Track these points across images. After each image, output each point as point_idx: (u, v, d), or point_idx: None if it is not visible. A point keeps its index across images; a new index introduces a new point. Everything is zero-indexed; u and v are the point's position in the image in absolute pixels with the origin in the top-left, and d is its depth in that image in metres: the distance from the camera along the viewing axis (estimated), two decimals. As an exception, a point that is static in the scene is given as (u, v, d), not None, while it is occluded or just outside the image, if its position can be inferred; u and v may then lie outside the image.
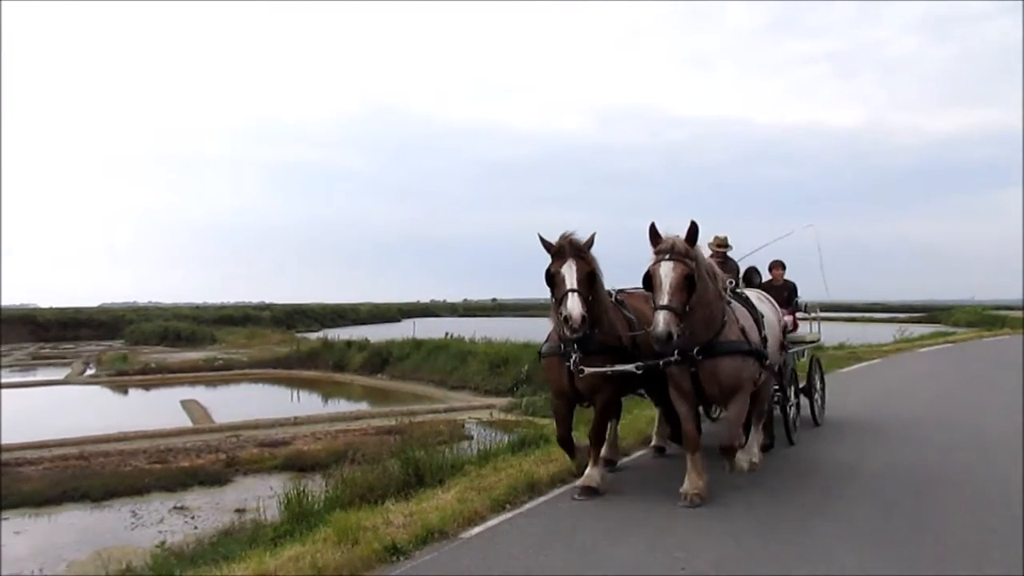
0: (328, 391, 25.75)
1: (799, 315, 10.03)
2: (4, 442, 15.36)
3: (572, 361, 6.19)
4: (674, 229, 8.51)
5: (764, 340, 6.75)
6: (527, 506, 6.06)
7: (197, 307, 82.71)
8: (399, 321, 68.19)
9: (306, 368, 30.55)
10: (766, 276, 9.82)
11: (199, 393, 24.41)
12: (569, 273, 5.95)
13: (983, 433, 9.16)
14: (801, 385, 9.83)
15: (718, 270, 6.43)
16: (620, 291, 6.97)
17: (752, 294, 7.66)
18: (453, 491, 6.38)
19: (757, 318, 6.84)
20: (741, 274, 9.11)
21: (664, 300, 5.51)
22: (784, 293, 9.56)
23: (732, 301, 6.61)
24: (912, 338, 28.52)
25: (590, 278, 6.03)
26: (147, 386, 27.62)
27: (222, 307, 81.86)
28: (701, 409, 7.09)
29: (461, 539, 5.38)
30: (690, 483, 6.12)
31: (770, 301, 8.00)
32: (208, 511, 10.88)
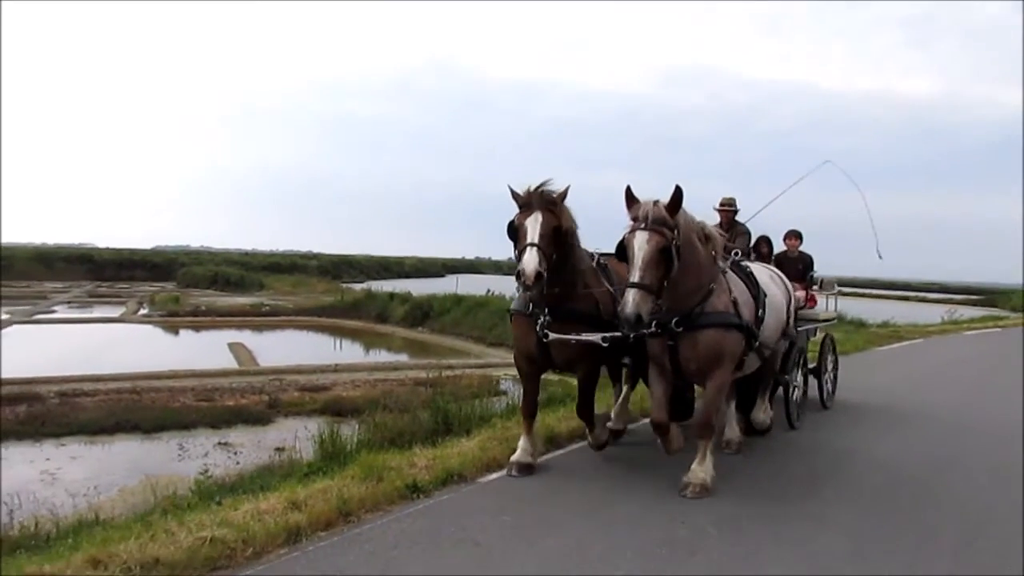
0: (369, 341, 26.36)
1: (814, 291, 9.30)
2: (63, 374, 16.24)
3: (539, 324, 5.77)
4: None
5: (759, 320, 6.11)
6: (545, 458, 6.34)
7: (246, 253, 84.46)
8: (443, 276, 68.77)
9: (349, 318, 31.22)
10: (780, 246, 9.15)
11: (246, 337, 25.20)
12: (533, 226, 5.44)
13: (1005, 425, 8.56)
14: (811, 365, 9.26)
15: (713, 232, 5.84)
16: (604, 255, 6.25)
17: (762, 271, 7.01)
18: (476, 440, 6.70)
19: (756, 295, 6.17)
20: (752, 241, 8.47)
21: (636, 276, 4.91)
22: (799, 266, 8.97)
23: (729, 271, 6.05)
24: (960, 320, 27.99)
25: (556, 233, 5.49)
26: (196, 328, 28.59)
27: (271, 255, 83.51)
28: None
29: (479, 483, 5.74)
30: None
31: (782, 279, 7.41)
32: (250, 448, 11.41)
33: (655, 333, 5.47)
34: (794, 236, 9.19)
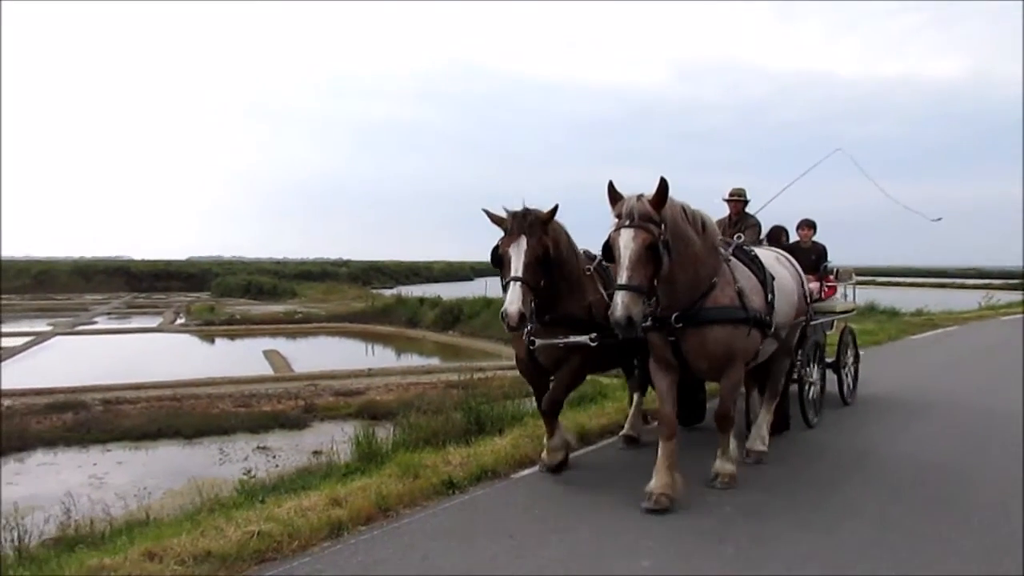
0: (401, 345, 26.67)
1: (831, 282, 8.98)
2: (106, 383, 16.72)
3: (528, 330, 5.63)
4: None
5: (770, 306, 5.79)
6: (576, 454, 6.48)
7: (278, 262, 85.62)
8: (472, 279, 69.11)
9: (380, 323, 31.60)
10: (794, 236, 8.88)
11: (280, 344, 25.63)
12: (516, 255, 5.19)
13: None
14: (829, 360, 8.84)
15: (708, 219, 5.47)
16: None
17: (767, 253, 6.73)
18: (509, 438, 6.86)
19: (763, 279, 5.87)
20: (764, 233, 8.19)
21: (623, 277, 4.66)
22: (812, 256, 8.66)
23: (733, 258, 5.75)
24: (997, 305, 27.59)
25: (543, 259, 5.27)
26: (232, 336, 29.14)
27: (302, 263, 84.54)
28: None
29: (512, 478, 5.93)
30: (657, 480, 5.18)
31: (790, 262, 7.12)
32: (288, 451, 11.69)
33: (654, 327, 5.22)
34: (807, 226, 8.95)
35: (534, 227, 5.26)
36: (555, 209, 5.43)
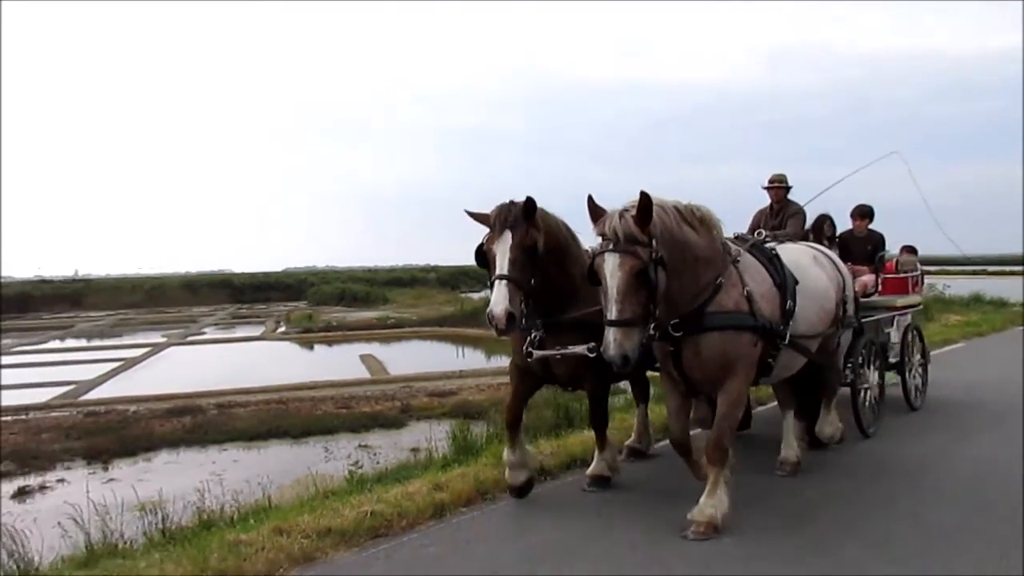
0: (490, 348, 27.19)
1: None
2: (217, 388, 17.91)
3: (531, 338, 5.21)
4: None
5: (789, 313, 5.10)
6: (659, 445, 6.76)
7: (369, 270, 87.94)
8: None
9: (469, 326, 32.24)
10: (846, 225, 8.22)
11: (375, 348, 26.62)
12: (501, 252, 4.76)
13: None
14: (892, 360, 8.02)
15: (707, 213, 4.84)
16: None
17: (800, 251, 6.02)
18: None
19: (781, 282, 5.15)
20: (809, 222, 7.53)
21: (613, 312, 4.16)
22: (867, 247, 8.02)
23: (743, 258, 5.03)
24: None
25: (531, 253, 4.80)
26: (330, 342, 30.41)
27: (392, 270, 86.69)
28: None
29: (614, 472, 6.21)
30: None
31: (830, 259, 6.34)
32: (387, 449, 12.31)
33: (657, 338, 4.68)
34: (861, 215, 8.18)
35: (518, 221, 4.81)
36: (532, 201, 4.85)
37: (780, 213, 7.33)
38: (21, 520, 7.09)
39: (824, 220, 7.80)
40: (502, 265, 4.73)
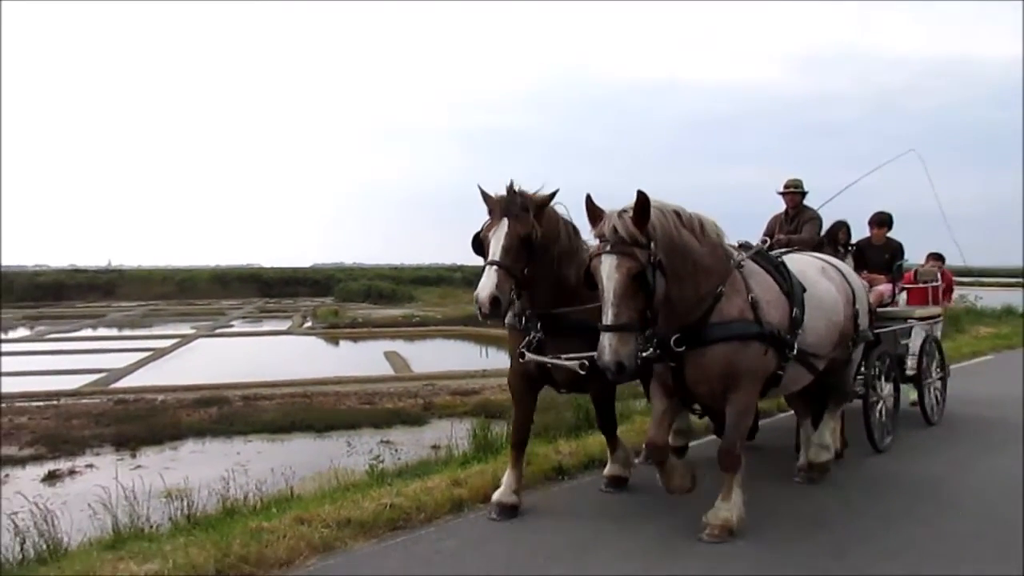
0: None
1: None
2: (244, 380, 18.18)
3: (529, 340, 5.07)
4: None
5: (795, 322, 4.88)
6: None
7: (395, 268, 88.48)
8: (583, 284, 69.03)
9: (493, 326, 32.16)
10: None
11: (399, 346, 26.82)
12: (496, 239, 4.67)
13: None
14: (909, 372, 7.82)
15: (706, 220, 4.67)
16: None
17: (808, 261, 5.81)
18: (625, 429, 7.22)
19: (788, 290, 4.95)
20: (825, 229, 7.37)
21: (609, 316, 4.03)
22: (885, 255, 7.85)
23: (746, 265, 4.86)
24: None
25: (527, 243, 4.67)
26: (355, 338, 30.73)
27: (418, 268, 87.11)
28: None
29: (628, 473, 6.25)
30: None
31: (842, 274, 6.01)
32: (409, 445, 12.40)
33: (656, 354, 4.54)
34: (878, 223, 7.97)
35: (518, 210, 4.71)
36: (554, 193, 4.86)
37: (795, 219, 7.26)
38: (51, 502, 7.27)
39: (840, 227, 7.63)
40: (495, 251, 4.65)
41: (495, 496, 5.22)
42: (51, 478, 11.15)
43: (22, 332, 35.06)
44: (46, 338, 31.55)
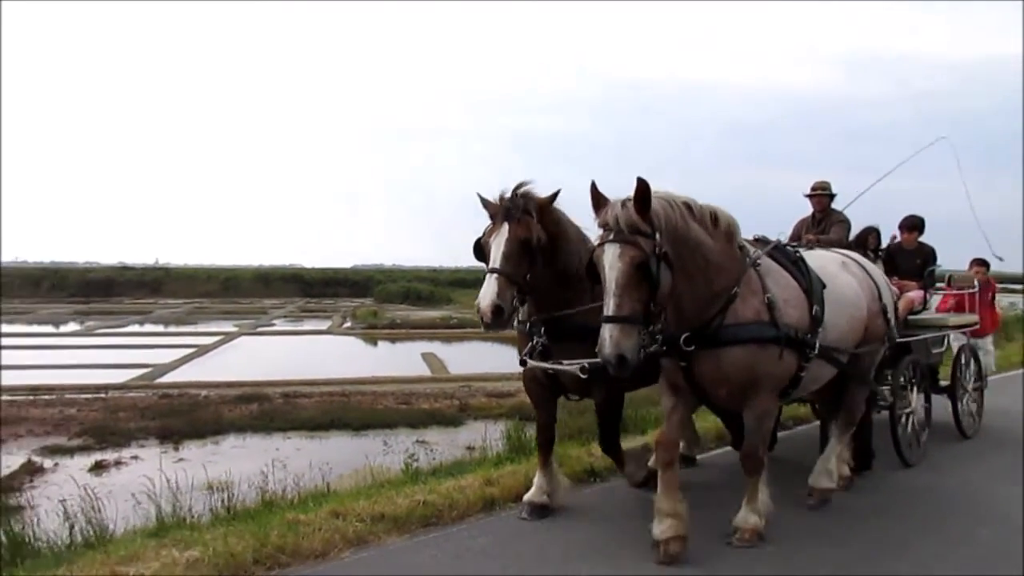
0: (550, 352, 27.31)
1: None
2: (283, 378, 18.50)
3: (532, 346, 5.04)
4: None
5: (816, 320, 4.68)
6: (714, 452, 6.80)
7: (434, 270, 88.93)
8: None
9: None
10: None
11: (436, 347, 26.98)
12: (496, 245, 4.56)
13: None
14: (943, 383, 7.55)
15: (721, 213, 4.43)
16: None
17: (828, 256, 5.58)
18: (649, 436, 7.23)
19: (808, 287, 4.74)
20: (854, 234, 7.18)
21: (611, 307, 3.84)
22: (916, 260, 7.50)
23: (763, 262, 4.65)
24: None
25: (527, 247, 4.56)
26: (393, 339, 30.97)
27: (456, 271, 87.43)
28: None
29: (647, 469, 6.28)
30: (659, 523, 4.46)
31: (864, 268, 5.77)
32: (444, 446, 12.50)
33: (664, 352, 4.41)
34: (909, 228, 7.64)
35: (520, 213, 4.60)
36: (556, 193, 4.77)
37: (823, 222, 7.07)
38: (97, 491, 7.53)
39: (869, 232, 7.47)
40: (495, 258, 4.54)
41: (526, 496, 5.27)
42: (98, 468, 11.48)
43: (73, 327, 36.06)
44: (95, 332, 32.44)
